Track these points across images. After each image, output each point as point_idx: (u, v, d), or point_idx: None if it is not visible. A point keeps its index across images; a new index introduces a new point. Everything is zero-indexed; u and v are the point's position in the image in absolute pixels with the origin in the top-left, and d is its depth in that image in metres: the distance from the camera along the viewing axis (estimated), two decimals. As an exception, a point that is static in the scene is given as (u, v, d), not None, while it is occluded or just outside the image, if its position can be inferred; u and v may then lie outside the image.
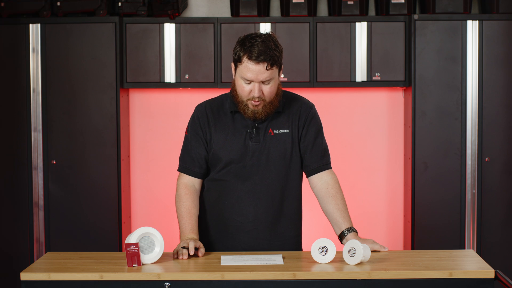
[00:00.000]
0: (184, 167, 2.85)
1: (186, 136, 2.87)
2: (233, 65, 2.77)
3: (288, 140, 2.79)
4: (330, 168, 2.86)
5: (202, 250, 2.65)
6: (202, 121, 2.82)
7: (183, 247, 2.64)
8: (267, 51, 2.65)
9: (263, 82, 2.68)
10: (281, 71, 2.76)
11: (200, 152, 2.82)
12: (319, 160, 2.83)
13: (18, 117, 4.67)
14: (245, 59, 2.67)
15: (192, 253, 2.62)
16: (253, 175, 2.76)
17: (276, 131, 2.78)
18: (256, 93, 2.68)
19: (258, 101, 2.70)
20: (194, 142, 2.83)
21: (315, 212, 3.28)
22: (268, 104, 2.72)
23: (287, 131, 2.79)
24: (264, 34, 2.71)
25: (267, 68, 2.66)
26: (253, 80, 2.68)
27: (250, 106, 2.72)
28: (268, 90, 2.70)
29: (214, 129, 2.80)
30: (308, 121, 2.82)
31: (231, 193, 2.78)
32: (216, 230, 2.84)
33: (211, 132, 2.80)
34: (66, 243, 4.64)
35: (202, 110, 2.85)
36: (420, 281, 2.42)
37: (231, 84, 2.81)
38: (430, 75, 4.64)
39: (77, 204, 4.67)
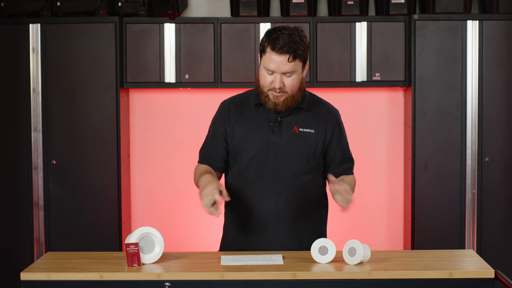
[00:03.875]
0: (202, 156, 2.90)
1: (208, 131, 2.92)
2: (259, 56, 2.80)
3: (313, 140, 2.81)
4: (352, 173, 2.93)
5: (225, 194, 2.63)
6: (224, 116, 2.86)
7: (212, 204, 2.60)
8: (290, 44, 2.67)
9: (284, 74, 2.70)
10: (307, 66, 2.77)
11: (217, 147, 2.85)
12: (342, 166, 2.90)
13: (18, 117, 4.67)
14: (268, 49, 2.69)
15: (222, 203, 2.61)
16: (274, 170, 2.77)
17: (301, 129, 2.80)
18: (277, 84, 2.70)
19: (279, 92, 2.72)
20: (213, 137, 2.87)
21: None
22: (290, 97, 2.74)
23: (312, 131, 2.81)
24: (291, 28, 2.73)
25: (289, 60, 2.68)
26: (275, 71, 2.70)
27: (271, 97, 2.74)
28: (290, 82, 2.72)
29: (235, 122, 2.82)
30: (337, 129, 2.87)
31: (252, 188, 2.79)
32: (238, 225, 2.85)
33: (233, 126, 2.83)
34: (66, 243, 4.64)
35: (225, 105, 2.89)
36: (420, 281, 2.42)
37: (256, 74, 2.82)
38: (430, 75, 4.64)
39: (77, 204, 4.67)
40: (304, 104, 2.82)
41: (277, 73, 2.70)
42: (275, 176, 2.77)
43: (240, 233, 2.84)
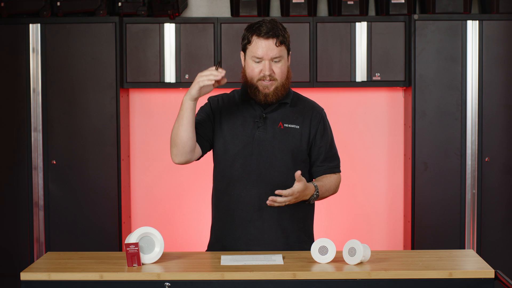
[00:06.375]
0: None
1: (195, 119, 2.84)
2: (242, 54, 2.82)
3: (298, 135, 2.82)
4: (338, 171, 2.92)
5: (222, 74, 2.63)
6: (214, 105, 2.87)
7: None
8: (275, 29, 2.73)
9: (273, 60, 2.73)
10: (289, 57, 2.81)
11: (206, 127, 2.81)
12: (327, 164, 2.89)
13: (18, 117, 4.67)
14: (254, 37, 2.73)
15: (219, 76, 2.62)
16: (259, 165, 2.79)
17: (286, 125, 2.82)
18: (267, 71, 2.73)
19: (269, 81, 2.74)
20: (202, 120, 2.83)
21: (315, 212, 3.27)
22: (279, 85, 2.77)
23: (297, 127, 2.82)
24: (270, 19, 2.79)
25: (277, 45, 2.72)
26: (263, 57, 2.72)
27: (261, 88, 2.76)
28: (279, 69, 2.75)
29: (223, 117, 2.83)
30: (321, 125, 2.87)
31: (238, 183, 2.80)
32: (223, 221, 2.86)
33: (220, 120, 2.83)
34: (66, 243, 4.64)
35: (214, 99, 2.91)
36: (420, 281, 2.42)
37: (241, 72, 2.83)
38: (430, 75, 4.64)
39: (77, 204, 4.67)
40: (288, 99, 2.84)
41: (266, 59, 2.72)
42: (260, 172, 2.78)
43: (225, 228, 2.85)
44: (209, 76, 2.63)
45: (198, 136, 2.80)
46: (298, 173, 2.65)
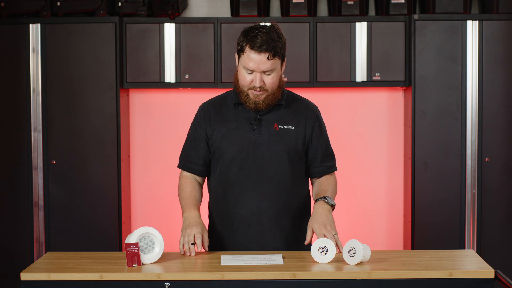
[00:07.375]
0: (183, 163, 2.92)
1: (188, 134, 2.93)
2: (236, 55, 2.80)
3: (293, 136, 2.82)
4: (335, 170, 2.94)
5: (206, 243, 2.70)
6: (204, 118, 2.87)
7: (192, 243, 2.68)
8: (269, 42, 2.68)
9: (264, 72, 2.71)
10: (284, 63, 2.79)
11: (198, 150, 2.86)
12: (325, 164, 2.90)
13: (18, 117, 4.67)
14: (247, 48, 2.70)
15: (200, 249, 2.67)
16: (256, 168, 2.78)
17: (281, 126, 2.81)
18: (257, 83, 2.72)
19: (259, 91, 2.73)
20: (194, 140, 2.88)
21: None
22: (270, 95, 2.76)
23: (293, 127, 2.82)
24: (267, 26, 2.74)
25: (269, 58, 2.69)
26: (254, 70, 2.71)
27: (251, 96, 2.75)
28: (270, 80, 2.73)
29: (216, 123, 2.83)
30: (317, 125, 2.87)
31: (235, 187, 2.80)
32: (222, 226, 2.86)
33: (213, 127, 2.83)
34: (66, 243, 4.64)
35: (204, 108, 2.90)
36: (420, 281, 2.42)
37: (234, 75, 2.83)
38: (430, 75, 4.64)
39: (77, 204, 4.67)
40: (283, 101, 2.83)
41: (257, 72, 2.71)
42: (257, 174, 2.78)
43: (224, 232, 2.85)
44: (184, 244, 2.69)
45: (193, 165, 2.88)
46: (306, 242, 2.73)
